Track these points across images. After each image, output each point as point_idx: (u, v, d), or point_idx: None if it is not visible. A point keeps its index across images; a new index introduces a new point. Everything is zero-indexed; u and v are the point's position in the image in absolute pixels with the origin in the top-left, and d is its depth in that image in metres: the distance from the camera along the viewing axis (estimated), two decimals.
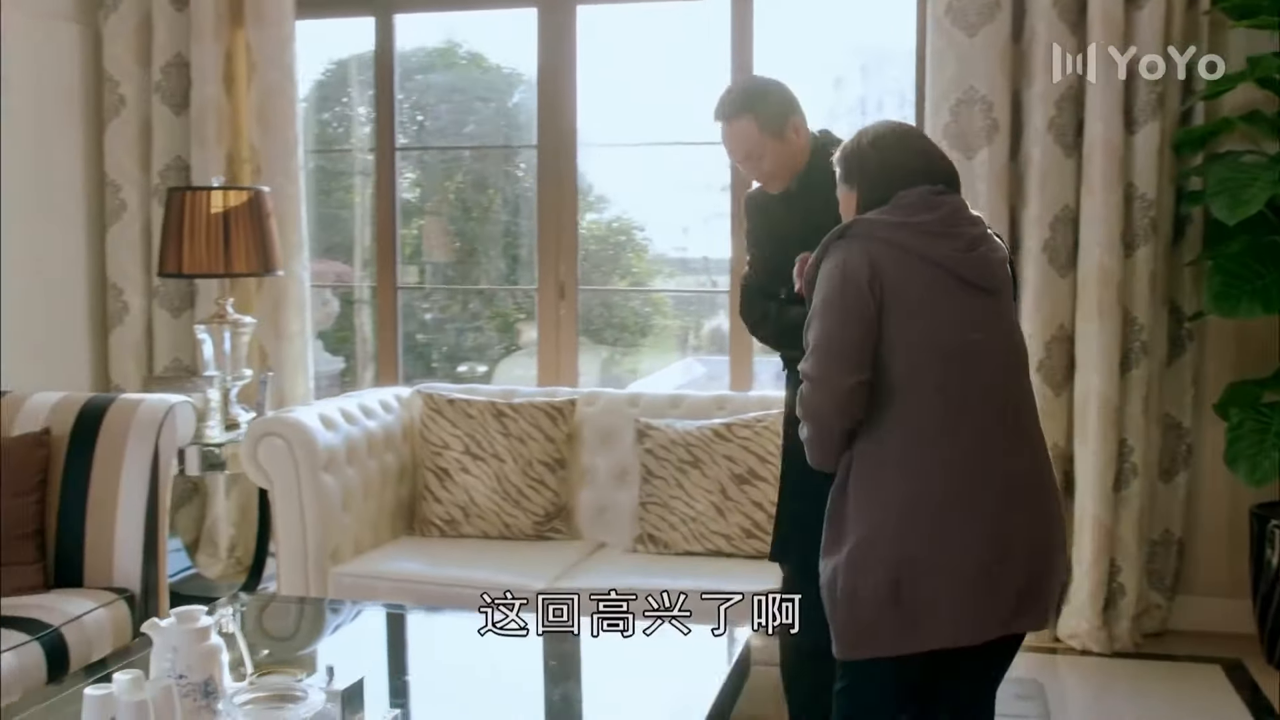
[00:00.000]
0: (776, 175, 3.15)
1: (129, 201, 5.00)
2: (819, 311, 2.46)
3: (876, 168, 2.55)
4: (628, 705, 2.77)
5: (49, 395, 3.77)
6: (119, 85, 4.95)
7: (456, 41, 5.76)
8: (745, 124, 3.07)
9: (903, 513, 2.40)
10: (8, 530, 3.49)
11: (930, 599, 2.38)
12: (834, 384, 2.42)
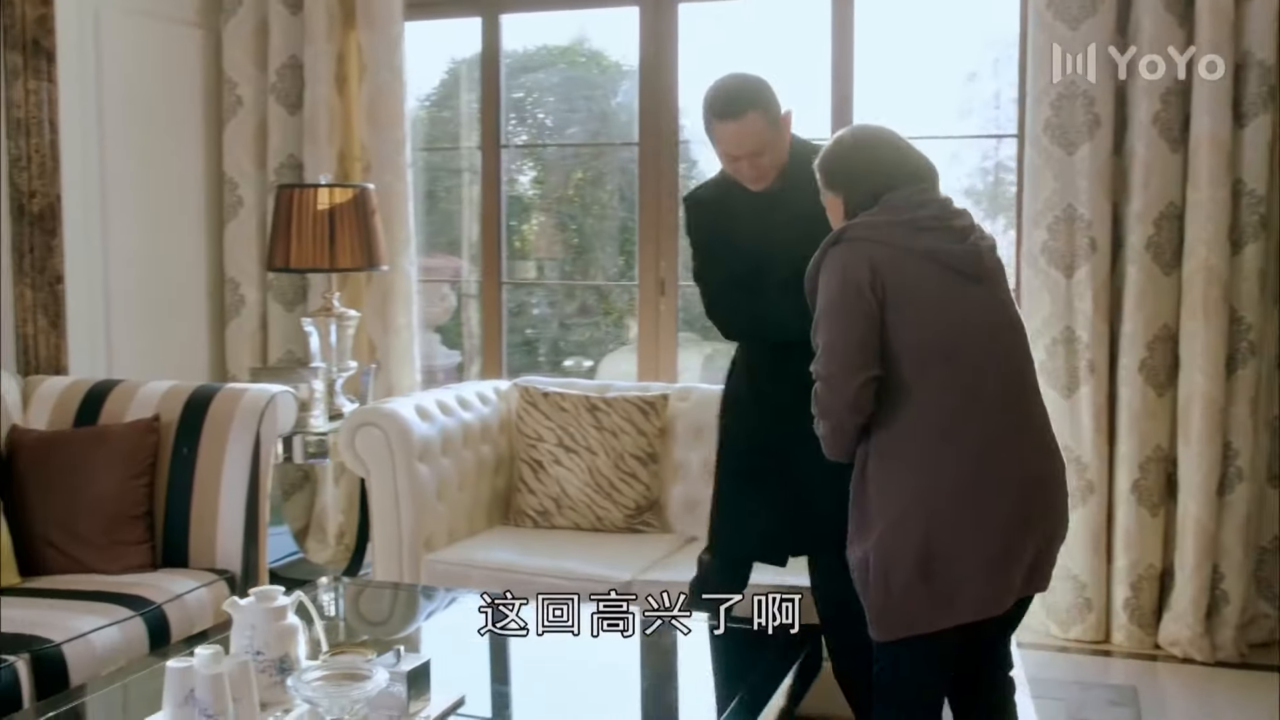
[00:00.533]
0: (771, 171, 3.13)
1: (245, 198, 5.18)
2: (825, 314, 2.58)
3: (862, 171, 2.66)
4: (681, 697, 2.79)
5: (159, 384, 3.94)
6: (237, 86, 5.14)
7: (580, 39, 5.85)
8: (756, 118, 3.03)
9: (926, 498, 2.51)
10: (119, 512, 3.66)
11: (958, 577, 2.51)
12: (845, 382, 2.53)
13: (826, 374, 2.55)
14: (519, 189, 5.98)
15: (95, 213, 4.59)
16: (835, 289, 2.55)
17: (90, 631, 3.19)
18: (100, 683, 2.79)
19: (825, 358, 2.55)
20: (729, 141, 3.07)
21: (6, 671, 2.95)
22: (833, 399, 2.56)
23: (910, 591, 2.51)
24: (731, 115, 3.04)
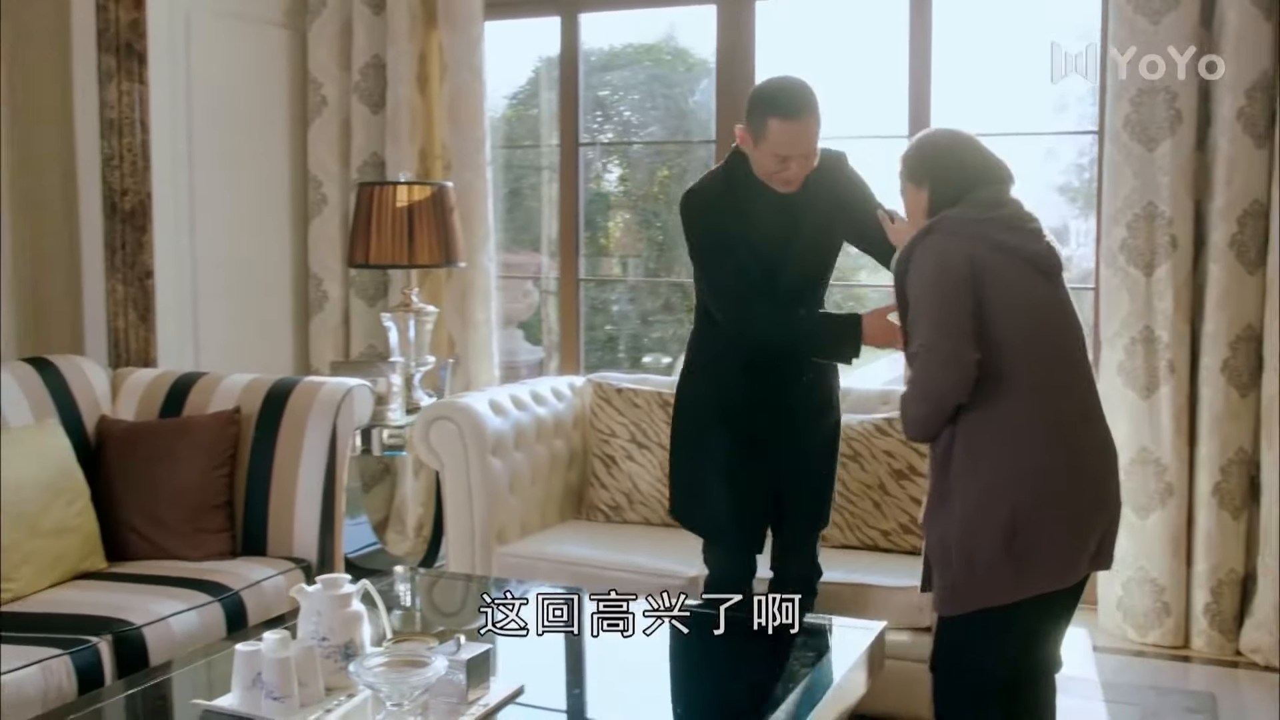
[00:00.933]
0: (807, 172, 3.16)
1: (329, 196, 5.29)
2: (928, 302, 2.68)
3: (952, 169, 2.80)
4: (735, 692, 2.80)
5: (241, 377, 4.04)
6: (321, 86, 5.25)
7: (667, 36, 5.87)
8: (815, 121, 3.10)
9: (1013, 476, 2.64)
10: (201, 501, 3.77)
11: (1039, 550, 2.64)
12: (960, 361, 2.62)
13: (937, 357, 2.64)
14: (605, 186, 6.03)
15: (184, 210, 4.72)
16: (937, 277, 2.67)
17: (170, 615, 3.29)
18: (177, 664, 2.88)
19: (934, 341, 2.64)
20: (788, 142, 3.07)
21: (90, 652, 3.06)
22: (941, 381, 2.65)
23: (994, 565, 2.63)
24: (797, 115, 3.06)
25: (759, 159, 3.14)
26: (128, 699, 2.71)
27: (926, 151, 2.84)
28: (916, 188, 2.82)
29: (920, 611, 3.57)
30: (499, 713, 2.52)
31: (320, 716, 2.45)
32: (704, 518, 3.43)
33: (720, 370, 3.34)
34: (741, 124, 3.16)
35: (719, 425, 3.34)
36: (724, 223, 3.19)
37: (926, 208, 2.79)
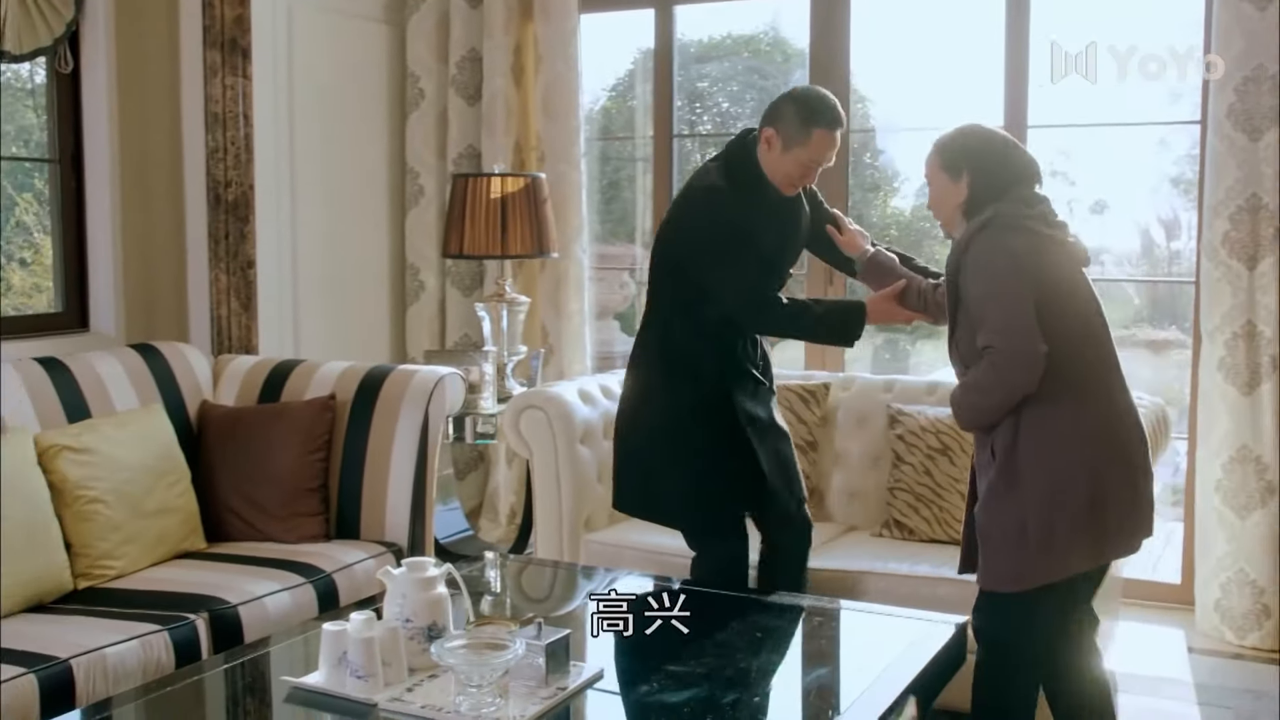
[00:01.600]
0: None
1: (426, 187, 5.38)
2: (998, 293, 2.80)
3: (996, 164, 2.93)
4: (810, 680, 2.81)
5: (337, 364, 4.14)
6: (419, 80, 5.33)
7: (769, 27, 5.86)
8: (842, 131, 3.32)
9: (1085, 454, 2.81)
10: (297, 484, 3.86)
11: (1111, 523, 2.84)
12: (1034, 355, 2.75)
13: (1012, 349, 2.76)
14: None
15: (285, 201, 4.83)
16: (1003, 271, 2.80)
17: (264, 595, 3.39)
18: (269, 642, 2.96)
19: (1008, 333, 2.77)
20: (825, 149, 3.27)
21: (188, 628, 3.16)
22: (1015, 375, 2.77)
23: (1073, 536, 2.80)
24: (838, 125, 3.27)
25: (782, 162, 3.29)
26: (224, 673, 2.80)
27: (971, 145, 2.95)
28: (953, 179, 2.94)
29: None
30: (577, 697, 2.55)
31: (402, 695, 2.51)
32: (709, 513, 3.45)
33: (701, 368, 3.39)
34: (770, 128, 3.28)
35: (709, 424, 3.39)
36: (743, 219, 3.27)
37: (964, 201, 2.93)
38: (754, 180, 3.32)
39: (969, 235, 2.85)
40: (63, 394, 3.71)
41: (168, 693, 2.68)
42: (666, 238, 3.42)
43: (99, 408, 3.76)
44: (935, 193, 3.02)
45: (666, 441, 3.42)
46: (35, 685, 2.81)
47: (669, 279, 3.41)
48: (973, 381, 2.86)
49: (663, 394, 3.43)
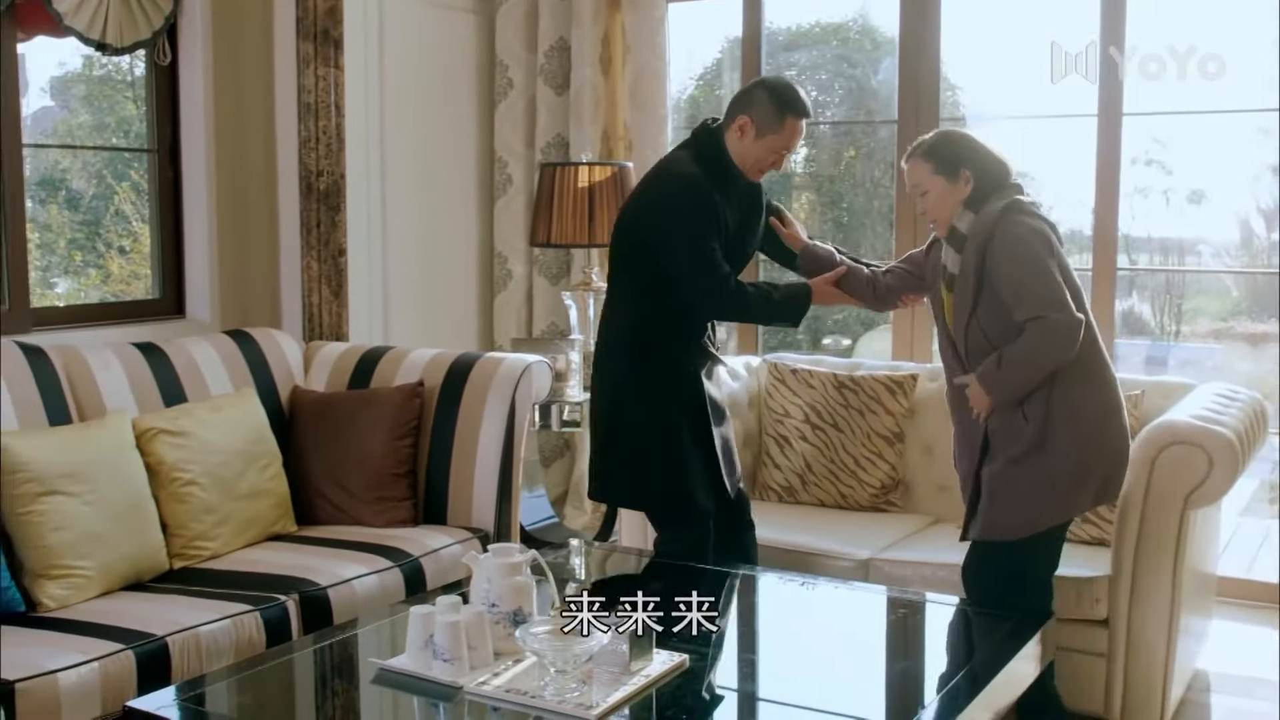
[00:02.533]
0: None
1: (514, 177, 5.41)
2: (1039, 270, 3.04)
3: (989, 159, 3.19)
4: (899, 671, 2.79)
5: (425, 351, 4.19)
6: (508, 69, 5.36)
7: (858, 14, 5.81)
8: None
9: (1108, 409, 3.17)
10: (386, 470, 3.92)
11: (1120, 472, 3.23)
12: (1075, 327, 3.03)
13: (1062, 318, 3.01)
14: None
15: (376, 190, 4.89)
16: (1040, 250, 3.07)
17: (353, 578, 3.44)
18: (357, 624, 3.01)
19: (1055, 305, 3.01)
20: (796, 137, 3.42)
21: (278, 609, 3.23)
22: (1059, 348, 3.03)
23: (1086, 485, 3.14)
24: (808, 114, 3.43)
25: (753, 149, 3.41)
26: (313, 653, 2.85)
27: (960, 144, 3.22)
28: (951, 180, 3.17)
29: (1097, 603, 3.48)
30: (660, 684, 2.56)
31: (487, 679, 2.54)
32: (682, 496, 3.48)
33: (668, 352, 3.47)
34: (744, 116, 3.39)
35: (687, 408, 3.47)
36: (713, 205, 3.36)
37: (967, 196, 3.16)
38: (722, 167, 3.43)
39: (992, 222, 3.10)
40: (160, 378, 3.79)
41: (258, 671, 2.74)
42: (633, 220, 3.49)
43: (194, 392, 3.85)
44: (934, 197, 3.20)
45: (646, 429, 3.48)
46: (133, 661, 2.89)
47: (635, 264, 3.48)
48: (1020, 354, 3.04)
49: (633, 381, 3.49)
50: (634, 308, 3.49)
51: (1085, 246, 5.13)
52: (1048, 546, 3.22)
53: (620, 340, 3.52)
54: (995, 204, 3.11)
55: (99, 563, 3.24)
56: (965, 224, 3.16)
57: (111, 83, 4.72)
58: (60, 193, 4.54)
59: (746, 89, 3.49)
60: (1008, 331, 3.08)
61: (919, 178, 3.21)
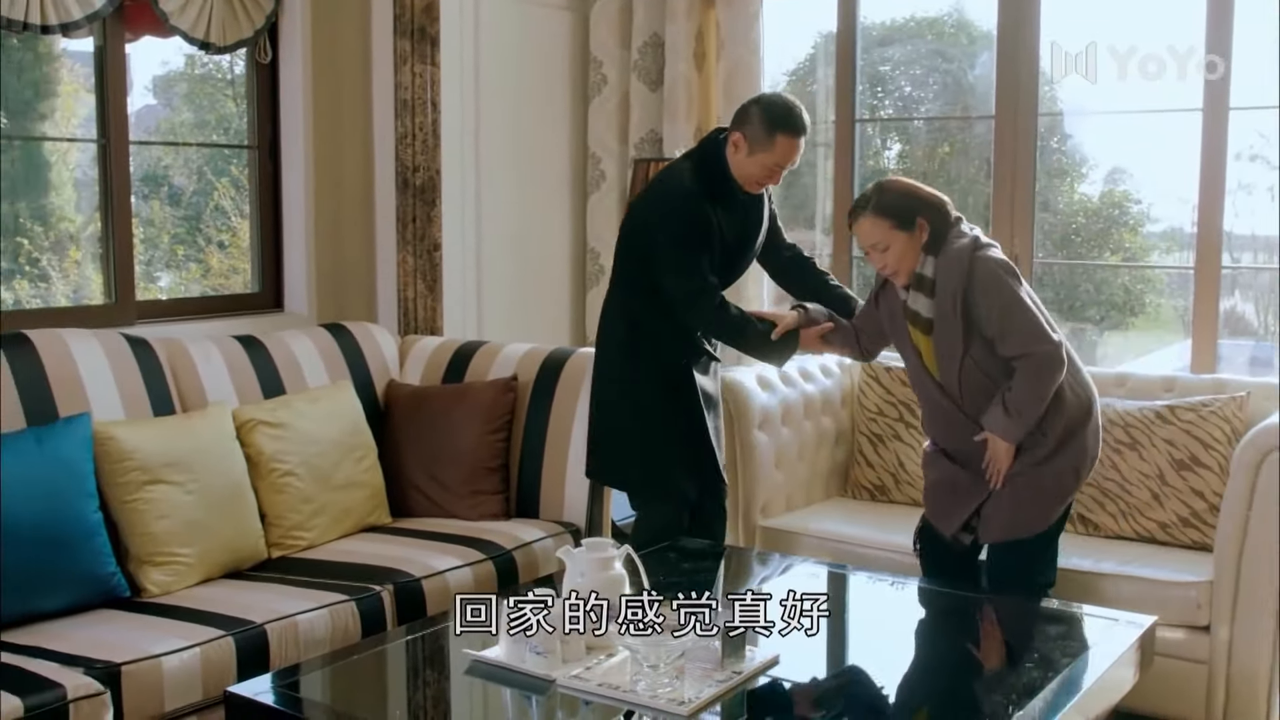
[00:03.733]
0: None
1: (608, 172, 5.42)
2: (1015, 303, 3.21)
3: (935, 203, 3.32)
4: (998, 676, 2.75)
5: (519, 346, 4.21)
6: (602, 65, 5.37)
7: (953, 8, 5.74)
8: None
9: (1093, 423, 3.38)
10: (479, 463, 3.95)
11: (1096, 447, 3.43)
12: (1061, 347, 3.22)
13: (1048, 354, 3.20)
14: (883, 163, 5.95)
15: (471, 186, 4.93)
16: (1014, 283, 3.23)
17: (446, 570, 3.48)
18: (450, 615, 3.03)
19: (1038, 338, 3.20)
20: (788, 154, 3.44)
21: (373, 599, 3.27)
22: (1054, 372, 3.22)
23: (1083, 479, 3.41)
24: (802, 132, 3.44)
25: (748, 165, 3.45)
26: (406, 644, 2.89)
27: (907, 194, 3.32)
28: (909, 230, 3.27)
29: (1199, 609, 3.41)
30: (753, 681, 2.55)
31: (580, 673, 2.54)
32: (660, 479, 3.63)
33: (662, 346, 3.58)
34: (738, 132, 3.44)
35: (669, 398, 3.58)
36: (705, 220, 3.44)
37: (926, 242, 3.27)
38: (722, 180, 3.48)
39: (961, 263, 3.23)
40: (259, 371, 3.86)
41: (354, 660, 2.78)
42: (631, 227, 3.61)
43: (292, 384, 3.91)
44: (897, 252, 3.29)
45: (631, 413, 3.60)
46: (233, 647, 2.95)
47: (632, 264, 3.59)
48: (1023, 397, 3.21)
49: (627, 370, 3.61)
50: (628, 298, 3.62)
51: (1186, 244, 5.01)
52: (1059, 524, 3.42)
53: (614, 326, 3.66)
54: (954, 244, 3.26)
55: (200, 550, 3.31)
56: (929, 269, 3.28)
57: (211, 81, 4.81)
58: (163, 189, 4.64)
59: (744, 105, 3.51)
60: (998, 364, 3.26)
61: (877, 236, 3.29)
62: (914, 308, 3.34)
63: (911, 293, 3.34)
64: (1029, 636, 2.95)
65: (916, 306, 3.33)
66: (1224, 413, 3.81)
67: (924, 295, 3.30)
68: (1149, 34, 4.52)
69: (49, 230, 4.20)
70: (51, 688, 2.61)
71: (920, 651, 2.93)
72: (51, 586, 3.03)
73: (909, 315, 3.37)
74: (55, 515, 3.05)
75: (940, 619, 3.19)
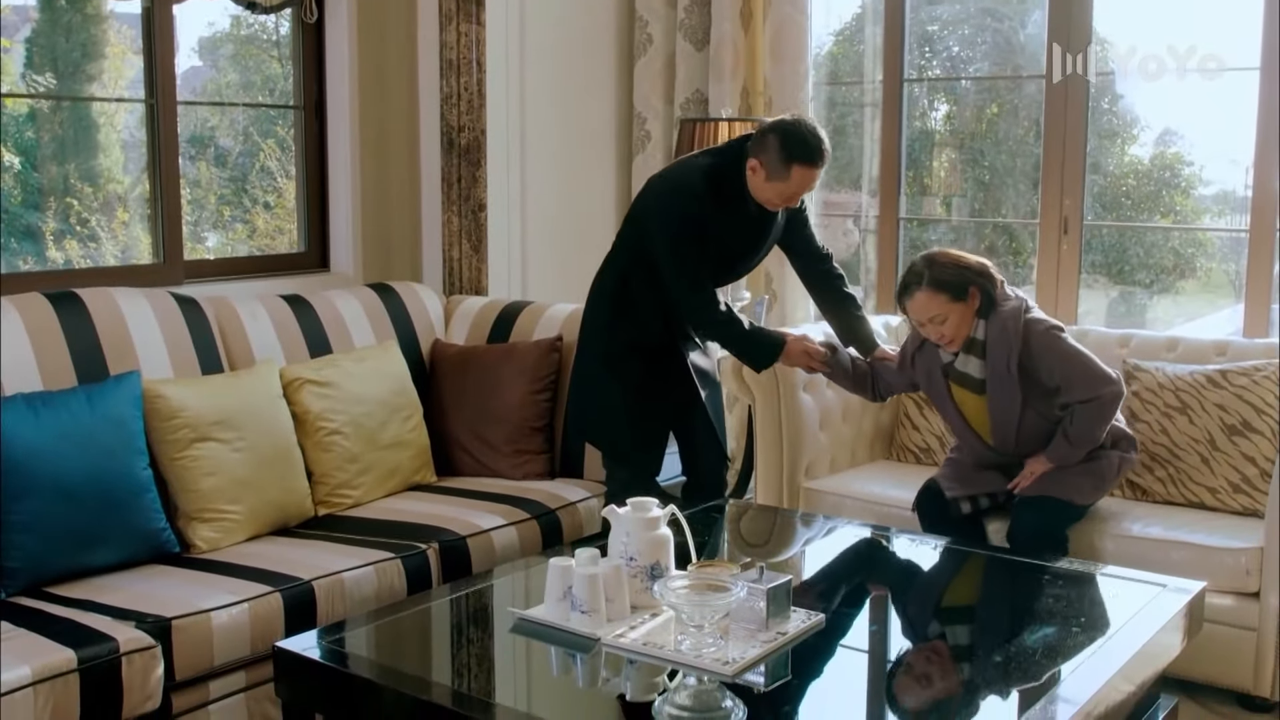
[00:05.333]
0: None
1: (653, 133, 5.39)
2: (1077, 358, 3.48)
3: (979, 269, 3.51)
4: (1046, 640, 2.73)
5: (564, 306, 4.21)
6: (648, 25, 5.33)
7: None
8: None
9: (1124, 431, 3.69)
10: (524, 423, 3.96)
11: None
12: (1119, 380, 3.52)
13: (1113, 394, 3.48)
14: (930, 123, 5.88)
15: (515, 146, 4.91)
16: (1067, 338, 3.50)
17: (491, 529, 3.49)
18: (496, 573, 3.05)
19: (1101, 384, 3.45)
20: (804, 184, 3.44)
21: (419, 557, 3.30)
22: (1116, 408, 3.51)
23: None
24: (818, 162, 3.41)
25: (764, 190, 3.45)
26: (451, 601, 2.90)
27: (956, 265, 3.46)
28: (964, 299, 3.44)
29: (1248, 575, 3.37)
30: (797, 642, 2.55)
31: (624, 632, 2.55)
32: (625, 446, 3.66)
33: (646, 316, 3.59)
34: (755, 158, 3.42)
35: (646, 362, 3.61)
36: (699, 220, 3.43)
37: (979, 307, 3.45)
38: (735, 190, 3.48)
39: (1012, 328, 3.43)
40: (306, 330, 3.89)
41: (399, 617, 2.80)
42: (643, 206, 3.61)
43: (339, 344, 3.93)
44: (954, 322, 3.44)
45: (608, 373, 3.61)
46: (280, 603, 2.98)
47: (636, 241, 3.58)
48: (1089, 433, 3.47)
49: (608, 331, 3.63)
50: (624, 270, 3.62)
51: (1238, 207, 4.93)
52: (1088, 506, 3.65)
53: (606, 287, 3.67)
54: (1003, 307, 3.46)
55: (248, 507, 3.35)
56: (980, 332, 3.47)
57: (257, 42, 4.82)
58: (209, 150, 4.66)
59: (763, 129, 3.47)
60: (1055, 407, 3.50)
61: (935, 309, 3.43)
62: (963, 369, 3.53)
63: (961, 356, 3.52)
64: (1075, 601, 2.93)
65: (967, 369, 3.52)
66: (1277, 377, 3.76)
67: (975, 357, 3.50)
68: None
69: (98, 191, 4.23)
70: (104, 640, 2.65)
71: (965, 615, 2.92)
72: (103, 542, 3.07)
73: (956, 377, 3.56)
74: (106, 472, 3.08)
75: (985, 583, 3.18)
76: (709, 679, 2.35)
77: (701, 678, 2.36)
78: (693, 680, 2.35)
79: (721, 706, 2.27)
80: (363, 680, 2.45)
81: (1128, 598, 2.87)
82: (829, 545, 3.47)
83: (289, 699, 2.74)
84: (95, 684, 2.59)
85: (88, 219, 4.19)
